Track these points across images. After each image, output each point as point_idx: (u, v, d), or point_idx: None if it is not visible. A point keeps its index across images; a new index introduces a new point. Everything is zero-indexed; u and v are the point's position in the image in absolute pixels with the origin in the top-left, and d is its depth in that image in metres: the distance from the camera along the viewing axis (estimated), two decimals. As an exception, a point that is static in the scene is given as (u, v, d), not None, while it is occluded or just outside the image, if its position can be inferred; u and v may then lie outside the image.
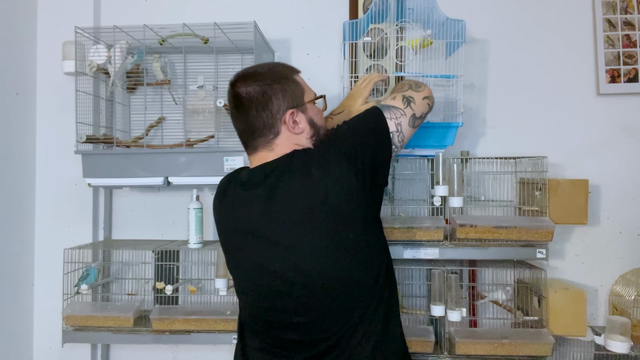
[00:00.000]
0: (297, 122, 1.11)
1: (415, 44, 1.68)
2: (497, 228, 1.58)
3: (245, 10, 1.91)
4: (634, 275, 1.77)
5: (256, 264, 1.08)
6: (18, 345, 1.87)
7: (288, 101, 1.10)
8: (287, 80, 1.13)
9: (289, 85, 1.12)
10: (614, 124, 1.84)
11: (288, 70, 1.16)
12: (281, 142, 1.11)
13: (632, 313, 1.69)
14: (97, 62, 1.69)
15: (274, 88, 1.09)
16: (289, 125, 1.11)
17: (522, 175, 1.78)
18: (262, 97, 1.09)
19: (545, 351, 1.54)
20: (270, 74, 1.12)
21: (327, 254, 1.03)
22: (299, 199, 1.03)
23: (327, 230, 1.03)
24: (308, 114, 1.14)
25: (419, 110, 1.19)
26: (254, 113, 1.09)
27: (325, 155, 1.06)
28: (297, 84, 1.14)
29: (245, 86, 1.10)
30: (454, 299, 1.58)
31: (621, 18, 1.84)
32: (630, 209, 1.83)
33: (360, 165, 1.04)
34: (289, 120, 1.10)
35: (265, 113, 1.09)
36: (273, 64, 1.19)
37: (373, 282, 1.08)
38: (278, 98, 1.09)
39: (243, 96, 1.10)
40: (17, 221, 1.85)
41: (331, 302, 1.05)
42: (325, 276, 1.03)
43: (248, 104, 1.09)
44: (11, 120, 1.82)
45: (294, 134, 1.12)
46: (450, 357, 1.59)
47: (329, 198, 1.01)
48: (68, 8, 1.91)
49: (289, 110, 1.10)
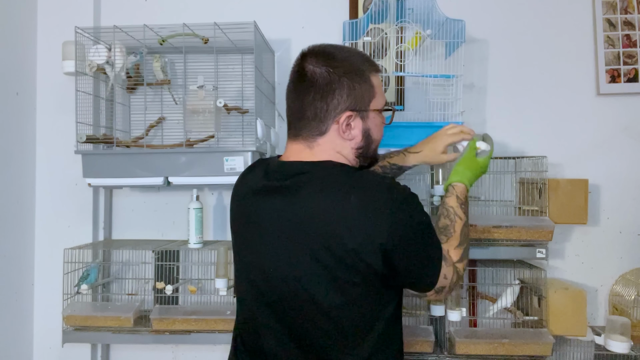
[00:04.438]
0: (351, 127, 0.98)
1: (414, 45, 1.68)
2: (497, 228, 1.58)
3: (245, 10, 1.91)
4: (634, 275, 1.77)
5: (249, 261, 1.04)
6: (18, 345, 1.87)
7: (351, 101, 0.97)
8: (361, 77, 0.99)
9: (360, 84, 0.98)
10: (614, 124, 1.84)
11: (368, 66, 1.01)
12: (324, 143, 0.99)
13: (632, 313, 1.69)
14: (97, 62, 1.69)
15: (342, 81, 0.96)
16: (341, 128, 0.98)
17: (522, 175, 1.78)
18: (325, 85, 0.96)
19: (545, 351, 1.54)
20: (346, 63, 0.98)
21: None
22: (313, 219, 0.92)
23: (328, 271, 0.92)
24: (367, 123, 1.00)
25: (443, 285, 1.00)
26: (310, 98, 0.97)
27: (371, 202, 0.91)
28: (370, 85, 1.00)
29: (314, 64, 0.97)
30: (454, 299, 1.58)
31: (621, 18, 1.84)
32: (630, 209, 1.83)
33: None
34: (342, 122, 0.97)
35: (321, 104, 0.97)
36: (356, 52, 1.04)
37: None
38: (342, 94, 0.96)
39: (307, 74, 0.98)
40: (17, 221, 1.85)
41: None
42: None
43: (308, 86, 0.98)
44: (11, 120, 1.82)
45: (343, 138, 0.99)
46: (450, 357, 1.59)
47: (344, 241, 0.89)
48: (68, 8, 1.91)
49: (348, 111, 0.97)
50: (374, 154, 1.08)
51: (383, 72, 1.87)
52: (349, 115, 0.97)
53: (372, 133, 1.02)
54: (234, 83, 1.81)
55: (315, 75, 0.97)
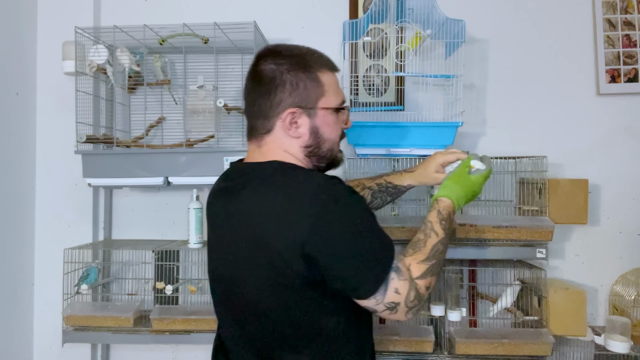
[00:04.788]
0: (297, 125, 0.97)
1: (414, 45, 1.68)
2: (497, 228, 1.58)
3: (245, 10, 1.91)
4: (634, 275, 1.77)
5: (210, 263, 1.07)
6: (18, 345, 1.87)
7: (295, 98, 0.96)
8: (307, 74, 0.97)
9: (305, 81, 0.96)
10: (614, 124, 1.84)
11: (318, 63, 0.99)
12: (271, 142, 0.99)
13: (632, 313, 1.69)
14: (97, 62, 1.69)
15: (285, 78, 0.95)
16: (286, 125, 0.97)
17: (522, 175, 1.78)
18: (269, 82, 0.96)
19: (545, 351, 1.54)
20: (291, 60, 0.97)
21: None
22: (247, 221, 0.93)
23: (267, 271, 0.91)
24: (315, 121, 0.98)
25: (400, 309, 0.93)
26: (255, 96, 0.98)
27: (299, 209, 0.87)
28: (318, 82, 0.98)
29: (264, 62, 0.97)
30: (454, 299, 1.58)
31: (621, 18, 1.84)
32: (630, 209, 1.83)
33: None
34: (286, 119, 0.96)
35: (265, 101, 0.96)
36: (307, 50, 1.02)
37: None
38: (285, 91, 0.95)
39: (255, 73, 0.98)
40: (17, 221, 1.85)
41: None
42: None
43: (255, 84, 0.98)
44: (11, 120, 1.82)
45: (290, 136, 0.98)
46: (450, 357, 1.59)
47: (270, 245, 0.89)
48: (68, 8, 1.91)
49: (291, 108, 0.96)
50: (331, 154, 1.03)
51: (383, 72, 1.87)
52: (292, 112, 0.96)
53: (322, 132, 0.99)
54: (234, 83, 1.81)
55: (263, 72, 0.97)
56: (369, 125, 1.65)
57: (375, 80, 1.87)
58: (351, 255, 0.88)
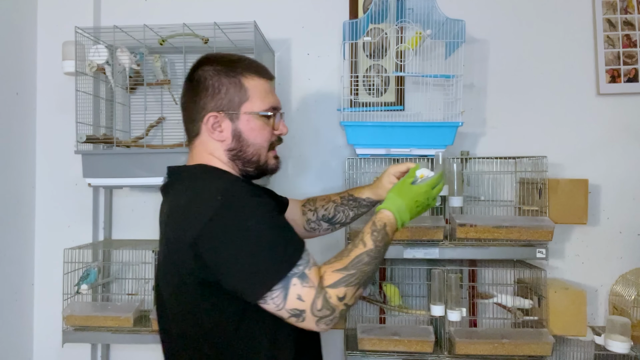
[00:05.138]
0: (220, 129, 1.00)
1: (414, 45, 1.68)
2: (497, 228, 1.58)
3: (245, 10, 1.91)
4: (634, 275, 1.77)
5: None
6: (18, 345, 1.87)
7: (217, 102, 0.99)
8: (230, 78, 1.00)
9: (227, 86, 1.00)
10: (614, 124, 1.84)
11: (244, 68, 1.02)
12: (199, 145, 1.04)
13: (632, 313, 1.69)
14: (97, 62, 1.69)
15: (208, 83, 1.00)
16: (209, 129, 1.00)
17: (522, 175, 1.78)
18: (196, 86, 1.01)
19: (545, 351, 1.54)
20: (219, 65, 1.01)
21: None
22: (162, 223, 1.00)
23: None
24: (238, 125, 1.01)
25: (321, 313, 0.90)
26: (186, 100, 1.03)
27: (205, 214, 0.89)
28: (241, 87, 1.00)
29: (196, 69, 1.02)
30: (454, 299, 1.58)
31: (621, 18, 1.84)
32: (630, 209, 1.83)
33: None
34: (208, 123, 1.00)
35: (192, 105, 1.02)
36: (238, 58, 1.04)
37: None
38: (207, 95, 1.00)
39: (188, 78, 1.03)
40: (17, 221, 1.85)
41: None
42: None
43: (186, 88, 1.03)
44: (11, 120, 1.82)
45: (214, 140, 1.01)
46: (450, 357, 1.59)
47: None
48: (68, 8, 1.91)
49: (213, 112, 0.99)
50: (258, 159, 1.05)
51: (383, 72, 1.87)
52: (214, 115, 0.99)
53: (245, 136, 1.01)
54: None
55: (192, 78, 1.02)
56: (369, 125, 1.65)
57: (375, 80, 1.87)
58: (240, 257, 0.87)
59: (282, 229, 0.92)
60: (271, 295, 0.87)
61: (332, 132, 1.90)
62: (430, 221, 1.61)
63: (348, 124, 1.65)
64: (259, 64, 1.06)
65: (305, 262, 0.90)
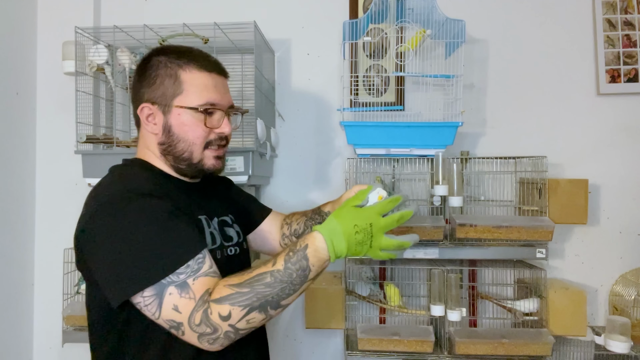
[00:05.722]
0: (154, 121, 0.99)
1: (414, 44, 1.68)
2: (497, 228, 1.58)
3: (245, 10, 1.91)
4: (634, 275, 1.77)
5: None
6: (18, 345, 1.87)
7: (151, 93, 0.98)
8: (167, 70, 0.97)
9: (163, 77, 0.97)
10: (614, 124, 1.84)
11: (186, 61, 0.98)
12: (141, 137, 1.04)
13: (632, 313, 1.69)
14: (97, 62, 1.69)
15: (148, 73, 0.98)
16: (144, 120, 0.99)
17: (522, 175, 1.78)
18: (139, 74, 1.00)
19: (545, 351, 1.54)
20: (164, 56, 0.99)
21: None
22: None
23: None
24: (169, 118, 0.98)
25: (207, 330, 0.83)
26: (132, 87, 1.03)
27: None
28: (176, 79, 0.97)
29: (148, 57, 1.01)
30: (454, 299, 1.58)
31: (621, 18, 1.84)
32: (630, 209, 1.83)
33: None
34: (142, 113, 0.99)
35: (134, 93, 1.01)
36: (186, 50, 1.01)
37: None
38: (144, 84, 0.98)
39: (138, 65, 1.03)
40: (17, 221, 1.85)
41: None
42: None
43: (134, 76, 1.03)
44: (11, 120, 1.82)
45: (149, 132, 1.00)
46: (450, 357, 1.59)
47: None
48: (68, 8, 1.91)
49: (147, 103, 0.98)
50: (189, 157, 1.00)
51: (383, 72, 1.87)
52: (147, 106, 0.98)
53: (175, 130, 0.97)
54: (234, 83, 1.80)
55: (139, 65, 1.01)
56: (369, 125, 1.65)
57: (375, 80, 1.87)
58: (107, 259, 0.84)
59: (168, 233, 0.85)
60: (144, 302, 0.82)
61: (332, 132, 1.90)
62: (430, 221, 1.61)
63: (348, 124, 1.65)
64: (207, 58, 1.01)
65: (190, 271, 0.83)
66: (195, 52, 1.01)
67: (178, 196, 0.97)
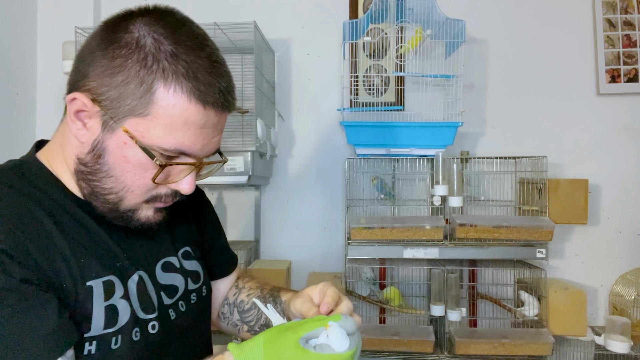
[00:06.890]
0: (83, 122, 0.63)
1: (414, 44, 1.68)
2: (497, 228, 1.58)
3: (245, 10, 1.91)
4: (634, 275, 1.77)
5: None
6: (18, 345, 1.86)
7: (97, 82, 0.61)
8: (143, 70, 0.60)
9: (132, 79, 0.60)
10: (614, 124, 1.84)
11: (178, 70, 0.61)
12: (60, 129, 0.71)
13: (632, 313, 1.69)
14: (97, 62, 1.69)
15: (115, 53, 0.61)
16: (71, 112, 0.63)
17: (522, 175, 1.78)
18: (98, 43, 0.64)
19: (545, 351, 1.54)
20: (154, 41, 0.62)
21: None
22: None
23: None
24: (108, 140, 0.62)
25: None
26: (79, 52, 0.66)
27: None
28: (147, 93, 0.60)
29: (133, 20, 0.66)
30: (454, 299, 1.58)
31: (621, 18, 1.84)
32: (630, 209, 1.83)
33: None
34: (70, 104, 0.62)
35: (76, 64, 0.65)
36: (193, 51, 0.63)
37: None
38: (95, 60, 0.62)
39: (110, 21, 0.69)
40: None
41: None
42: None
43: (90, 37, 0.67)
44: (11, 120, 1.82)
45: (72, 131, 0.64)
46: (450, 357, 1.59)
47: None
48: (68, 8, 1.91)
49: (81, 93, 0.62)
50: (116, 202, 0.66)
51: (383, 72, 1.87)
52: (81, 99, 0.61)
53: (109, 159, 0.63)
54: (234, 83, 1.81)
55: (111, 23, 0.67)
56: (369, 125, 1.65)
57: (375, 80, 1.87)
58: None
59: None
60: None
61: (332, 132, 1.90)
62: (430, 221, 1.61)
63: (348, 124, 1.65)
64: (214, 83, 0.64)
65: None
66: (202, 62, 0.63)
67: (74, 234, 0.64)
